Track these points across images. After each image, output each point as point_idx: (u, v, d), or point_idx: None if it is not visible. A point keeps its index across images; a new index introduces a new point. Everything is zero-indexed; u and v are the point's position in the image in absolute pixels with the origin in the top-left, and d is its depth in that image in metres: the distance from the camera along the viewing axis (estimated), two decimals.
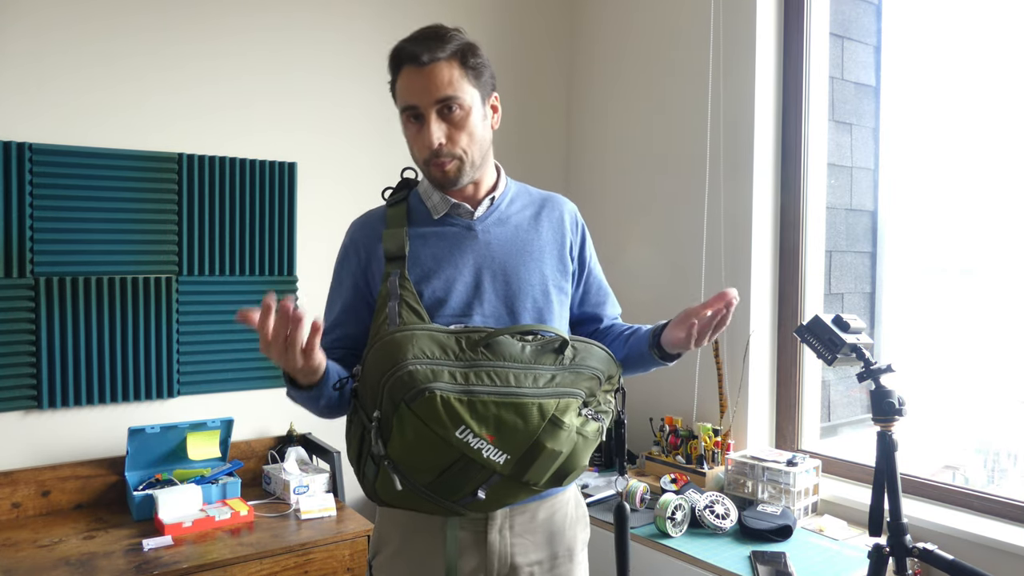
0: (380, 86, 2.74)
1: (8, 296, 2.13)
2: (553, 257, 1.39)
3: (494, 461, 1.13)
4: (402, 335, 1.16)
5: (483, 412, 1.11)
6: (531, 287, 1.34)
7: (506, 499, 1.21)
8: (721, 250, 2.58)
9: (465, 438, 1.11)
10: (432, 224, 1.35)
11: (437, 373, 1.12)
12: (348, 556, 2.08)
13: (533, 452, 1.14)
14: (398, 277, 1.27)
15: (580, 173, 3.20)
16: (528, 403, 1.14)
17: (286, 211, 2.55)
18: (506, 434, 1.12)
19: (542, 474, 1.17)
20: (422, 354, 1.13)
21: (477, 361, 1.15)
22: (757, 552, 1.97)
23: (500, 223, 1.37)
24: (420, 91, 1.25)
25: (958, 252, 2.60)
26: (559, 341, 1.22)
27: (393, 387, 1.12)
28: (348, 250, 1.38)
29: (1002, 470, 2.61)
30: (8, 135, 2.13)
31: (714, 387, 2.59)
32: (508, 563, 1.32)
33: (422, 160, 1.30)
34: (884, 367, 1.50)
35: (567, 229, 1.43)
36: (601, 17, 3.09)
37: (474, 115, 1.29)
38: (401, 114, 1.30)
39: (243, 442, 2.48)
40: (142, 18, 2.31)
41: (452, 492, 1.16)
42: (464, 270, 1.31)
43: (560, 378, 1.18)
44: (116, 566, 1.83)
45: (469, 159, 1.30)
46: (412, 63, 1.25)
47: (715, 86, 2.59)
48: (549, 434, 1.14)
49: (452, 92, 1.25)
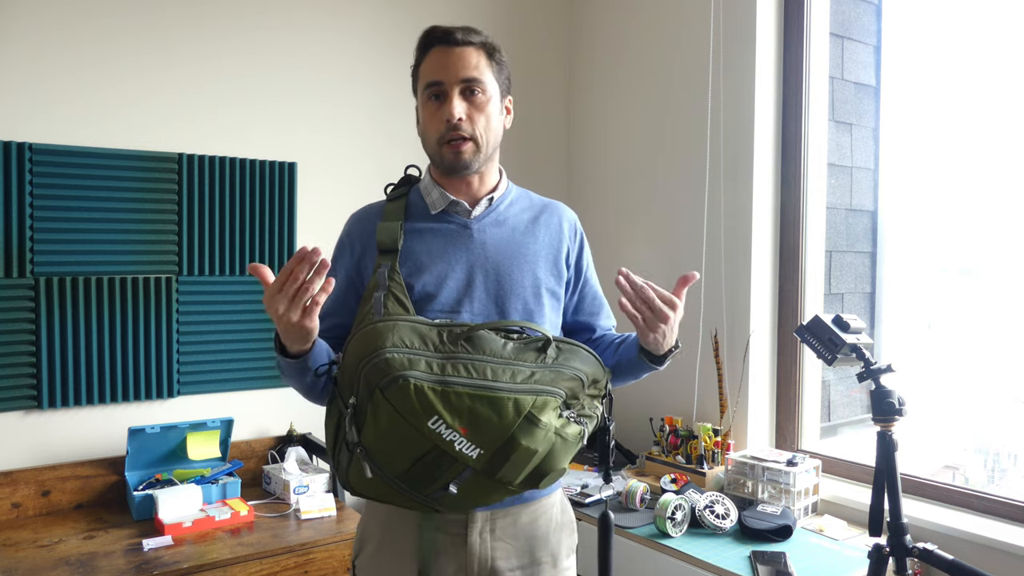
0: (380, 86, 2.76)
1: (8, 296, 2.13)
2: (548, 261, 1.39)
3: (466, 455, 1.12)
4: (384, 324, 1.17)
5: (457, 404, 1.11)
6: (523, 288, 1.34)
7: (480, 497, 1.19)
8: (721, 250, 2.58)
9: (438, 428, 1.10)
10: (429, 220, 1.36)
11: (413, 362, 1.12)
12: (348, 556, 2.08)
13: (507, 448, 1.13)
14: (388, 269, 1.28)
15: (581, 173, 3.20)
16: (503, 397, 1.12)
17: (286, 211, 2.55)
18: (480, 427, 1.11)
19: (517, 473, 1.15)
20: (401, 343, 1.14)
21: (456, 353, 1.15)
22: (757, 552, 1.97)
23: (497, 224, 1.38)
24: (448, 68, 1.29)
25: (958, 252, 2.60)
26: (543, 340, 1.21)
27: (369, 373, 1.12)
28: (344, 242, 1.39)
29: (1002, 470, 2.61)
30: (8, 135, 2.13)
31: (714, 387, 2.59)
32: (488, 567, 1.31)
33: (436, 138, 1.32)
34: (884, 367, 1.50)
35: (565, 235, 1.43)
36: (601, 17, 3.09)
37: (493, 104, 1.34)
38: (422, 93, 1.33)
39: (243, 442, 2.48)
40: (142, 18, 2.31)
41: (424, 484, 1.15)
42: (457, 267, 1.32)
43: (539, 375, 1.17)
44: (116, 566, 1.83)
45: (483, 144, 1.32)
46: (443, 42, 1.30)
47: (715, 86, 2.59)
48: (524, 431, 1.13)
49: (478, 75, 1.30)
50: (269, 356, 2.52)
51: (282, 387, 2.57)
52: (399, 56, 2.78)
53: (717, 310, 2.59)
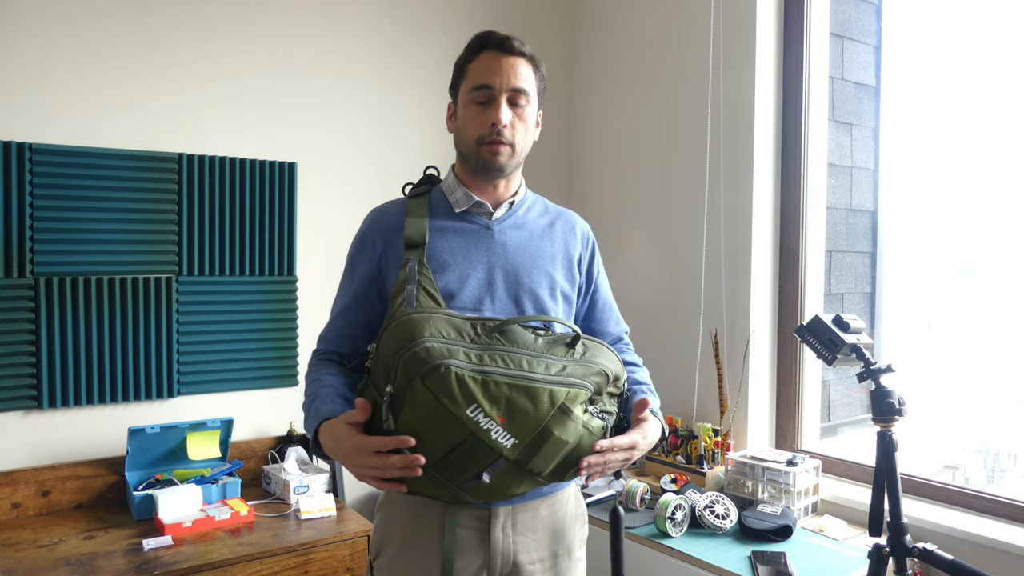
0: (380, 86, 2.76)
1: (8, 296, 2.13)
2: (563, 266, 1.43)
3: (502, 444, 1.14)
4: (419, 316, 1.19)
5: (495, 393, 1.13)
6: (541, 289, 1.38)
7: (509, 488, 1.22)
8: (721, 250, 2.58)
9: (476, 417, 1.12)
10: (452, 218, 1.38)
11: (453, 351, 1.14)
12: (348, 556, 2.08)
13: (540, 439, 1.16)
14: (416, 263, 1.30)
15: (581, 173, 3.20)
16: (539, 388, 1.16)
17: (286, 211, 2.55)
18: (516, 417, 1.14)
19: (547, 463, 1.18)
20: (438, 333, 1.16)
21: (492, 345, 1.18)
22: (757, 552, 1.97)
23: (516, 227, 1.41)
24: (500, 74, 1.33)
25: (958, 252, 2.60)
26: (572, 335, 1.25)
27: (408, 362, 1.13)
28: (365, 237, 1.40)
29: (1002, 470, 2.61)
30: (8, 135, 2.13)
31: (714, 387, 2.59)
32: (511, 561, 1.33)
33: (476, 138, 1.34)
34: (884, 367, 1.50)
35: (578, 242, 1.48)
36: (601, 17, 3.09)
37: (532, 115, 1.39)
38: (467, 93, 1.35)
39: (243, 442, 2.48)
40: (142, 18, 2.31)
41: (457, 474, 1.16)
42: (478, 267, 1.34)
43: (571, 369, 1.21)
44: (116, 566, 1.83)
45: (518, 151, 1.37)
46: (498, 49, 1.34)
47: (715, 86, 2.59)
48: (558, 422, 1.16)
49: (527, 86, 1.35)
50: (269, 356, 2.52)
51: (282, 387, 2.58)
52: (399, 56, 2.78)
53: (717, 310, 2.59)
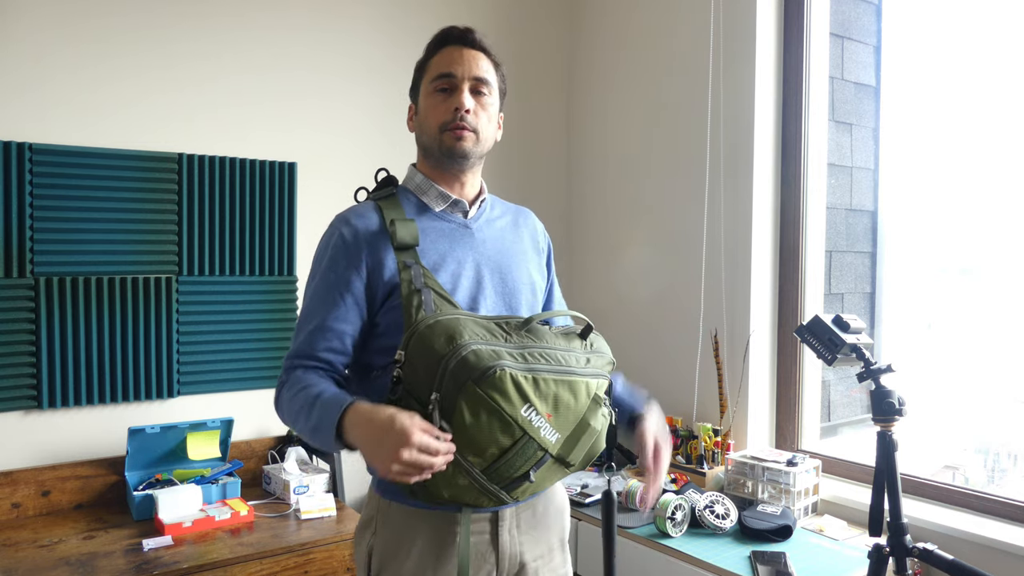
0: (380, 86, 2.76)
1: (8, 296, 2.13)
2: (534, 262, 1.45)
3: (548, 440, 1.15)
4: (448, 319, 1.16)
5: (545, 390, 1.14)
6: (524, 286, 1.39)
7: (546, 483, 1.23)
8: (721, 250, 2.58)
9: (528, 416, 1.13)
10: (431, 218, 1.36)
11: (499, 353, 1.13)
12: (348, 556, 2.08)
13: (579, 430, 1.18)
14: (419, 265, 1.26)
15: (581, 173, 3.20)
16: (579, 381, 1.18)
17: (286, 211, 2.55)
18: (560, 412, 1.16)
19: (580, 454, 1.20)
20: (476, 336, 1.14)
21: (525, 344, 1.18)
22: (757, 552, 1.97)
23: (489, 224, 1.42)
24: (462, 63, 1.33)
25: (958, 252, 2.60)
26: (581, 327, 1.26)
27: (458, 367, 1.10)
28: (347, 244, 1.29)
29: (1002, 470, 2.61)
30: (8, 135, 2.13)
31: (714, 387, 2.59)
32: (518, 562, 1.32)
33: (439, 125, 1.33)
34: (884, 367, 1.50)
35: (539, 240, 1.51)
36: (601, 17, 3.09)
37: (493, 108, 1.38)
38: (428, 84, 1.35)
39: (243, 442, 2.48)
40: (142, 18, 2.31)
41: (504, 476, 1.15)
42: (466, 265, 1.33)
43: (593, 360, 1.23)
44: (116, 566, 1.83)
45: (482, 139, 1.36)
46: (460, 42, 1.35)
47: (715, 86, 2.59)
48: (592, 412, 1.19)
49: (489, 78, 1.36)
50: (269, 356, 2.52)
51: None
52: (399, 56, 2.77)
53: (717, 310, 2.59)
